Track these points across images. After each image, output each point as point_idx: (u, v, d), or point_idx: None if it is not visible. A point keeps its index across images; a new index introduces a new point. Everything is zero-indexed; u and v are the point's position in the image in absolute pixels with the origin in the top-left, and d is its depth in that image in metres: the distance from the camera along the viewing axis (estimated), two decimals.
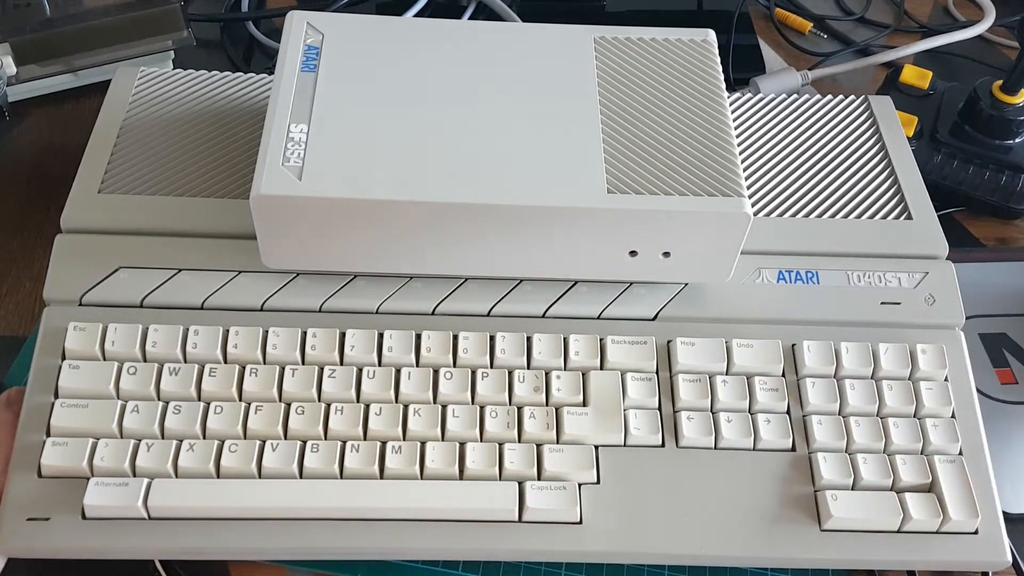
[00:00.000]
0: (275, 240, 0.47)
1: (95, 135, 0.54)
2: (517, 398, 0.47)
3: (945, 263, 0.53)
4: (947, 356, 0.50)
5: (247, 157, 0.54)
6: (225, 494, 0.44)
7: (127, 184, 0.52)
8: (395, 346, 0.48)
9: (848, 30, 0.80)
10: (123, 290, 0.49)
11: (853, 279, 0.52)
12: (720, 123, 0.48)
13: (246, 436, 0.46)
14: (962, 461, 0.47)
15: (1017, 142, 0.64)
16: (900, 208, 0.54)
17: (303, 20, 0.51)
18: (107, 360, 0.47)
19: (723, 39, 0.62)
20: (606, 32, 0.52)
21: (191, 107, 0.56)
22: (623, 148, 0.47)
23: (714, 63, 0.51)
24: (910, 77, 0.68)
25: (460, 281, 0.50)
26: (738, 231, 0.46)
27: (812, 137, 0.58)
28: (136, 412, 0.46)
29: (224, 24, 0.77)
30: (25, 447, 0.45)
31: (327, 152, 0.45)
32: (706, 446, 0.47)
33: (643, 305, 0.50)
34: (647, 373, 0.48)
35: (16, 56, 0.65)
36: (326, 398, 0.47)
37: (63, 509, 0.44)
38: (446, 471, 0.45)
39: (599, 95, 0.49)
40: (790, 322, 0.51)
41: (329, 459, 0.45)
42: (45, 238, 0.61)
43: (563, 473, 0.45)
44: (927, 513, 0.45)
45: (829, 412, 0.48)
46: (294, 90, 0.48)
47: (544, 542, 0.44)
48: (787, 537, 0.45)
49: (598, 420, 0.47)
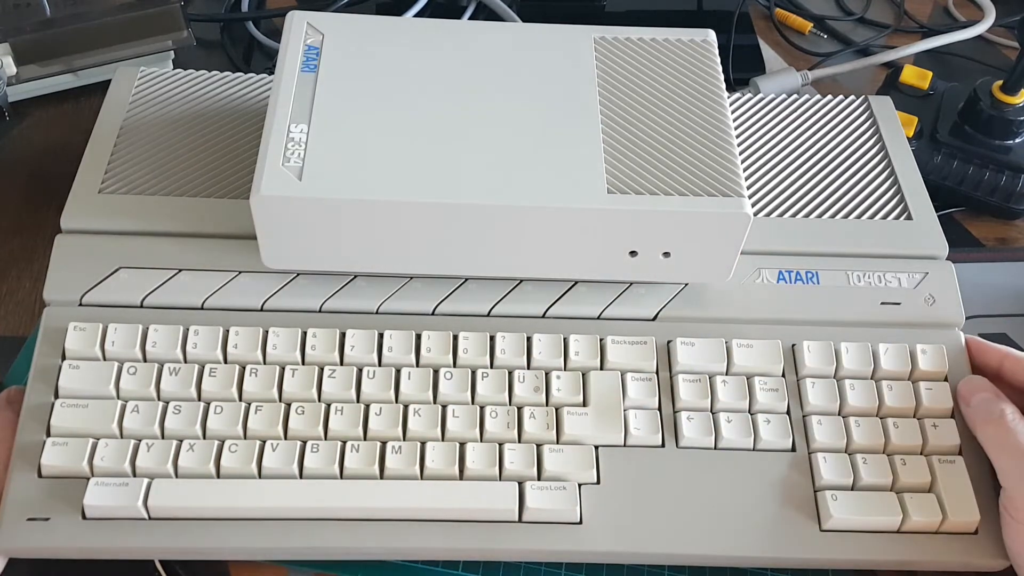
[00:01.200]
0: (275, 240, 0.47)
1: (95, 135, 0.54)
2: (517, 398, 0.47)
3: (945, 263, 0.53)
4: (947, 356, 0.50)
5: (247, 157, 0.54)
6: (225, 494, 0.44)
7: (127, 184, 0.52)
8: (395, 346, 0.48)
9: (848, 30, 0.80)
10: (123, 290, 0.49)
11: (853, 279, 0.52)
12: (720, 123, 0.48)
13: (246, 436, 0.46)
14: (962, 461, 0.47)
15: (1017, 142, 0.64)
16: (900, 208, 0.54)
17: (303, 20, 0.51)
18: (107, 360, 0.47)
19: (723, 39, 0.62)
20: (606, 32, 0.52)
21: (191, 107, 0.56)
22: (623, 148, 0.47)
23: (714, 63, 0.51)
24: (910, 77, 0.68)
25: (460, 281, 0.50)
26: (738, 231, 0.46)
27: (812, 137, 0.58)
28: (136, 412, 0.46)
29: (224, 24, 0.77)
30: (25, 447, 0.45)
31: (327, 152, 0.45)
32: (706, 446, 0.47)
33: (643, 305, 0.50)
34: (647, 373, 0.48)
35: (16, 56, 0.65)
36: (326, 398, 0.47)
37: (63, 509, 0.44)
38: (446, 471, 0.45)
39: (599, 95, 0.49)
40: (790, 322, 0.51)
41: (329, 459, 0.45)
42: (45, 238, 0.61)
43: (563, 473, 0.45)
44: (927, 513, 0.45)
45: (829, 412, 0.48)
46: (294, 90, 0.48)
47: (544, 542, 0.44)
48: (787, 537, 0.45)
49: (598, 420, 0.47)
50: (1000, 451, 0.44)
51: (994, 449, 0.45)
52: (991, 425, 0.45)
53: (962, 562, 0.45)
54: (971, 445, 0.47)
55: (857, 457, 0.47)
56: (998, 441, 0.45)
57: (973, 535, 0.45)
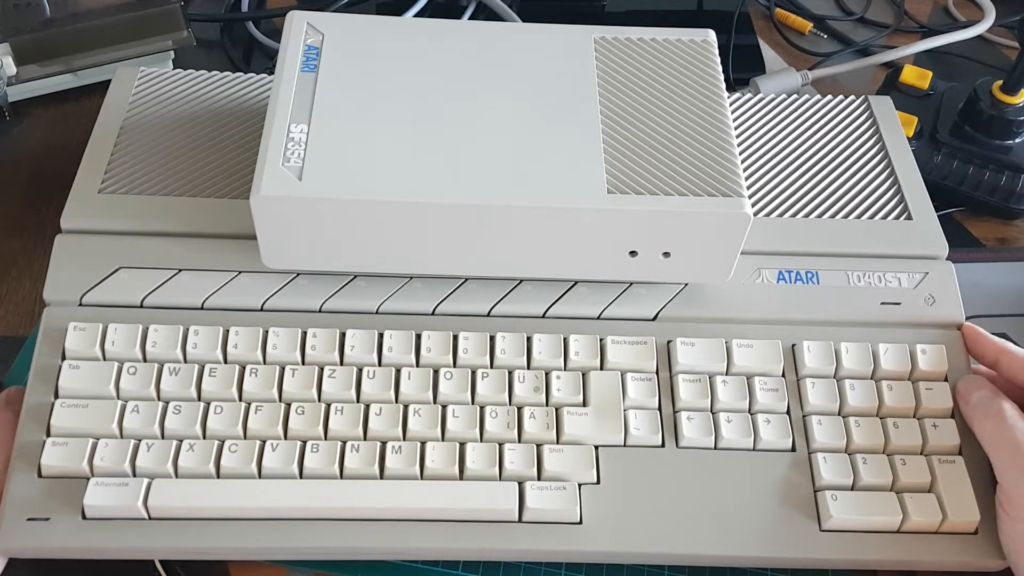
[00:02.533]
0: (275, 240, 0.47)
1: (95, 135, 0.54)
2: (517, 398, 0.47)
3: (945, 263, 0.53)
4: (947, 356, 0.50)
5: (247, 157, 0.54)
6: (225, 494, 0.44)
7: (127, 184, 0.52)
8: (395, 346, 0.48)
9: (848, 30, 0.80)
10: (123, 290, 0.49)
11: (853, 279, 0.52)
12: (720, 123, 0.48)
13: (246, 436, 0.46)
14: (962, 461, 0.47)
15: (1017, 142, 0.64)
16: (900, 208, 0.54)
17: (303, 20, 0.51)
18: (107, 360, 0.47)
19: (723, 39, 0.62)
20: (606, 32, 0.52)
21: (191, 107, 0.56)
22: (623, 148, 0.47)
23: (714, 63, 0.51)
24: (910, 77, 0.68)
25: (460, 281, 0.50)
26: (738, 231, 0.46)
27: (812, 137, 0.58)
28: (136, 412, 0.46)
29: (224, 24, 0.77)
30: (25, 447, 0.45)
31: (327, 152, 0.45)
32: (706, 446, 0.47)
33: (643, 305, 0.50)
34: (647, 373, 0.48)
35: (16, 56, 0.65)
36: (326, 398, 0.47)
37: (63, 509, 0.44)
38: (446, 471, 0.45)
39: (599, 95, 0.49)
40: (790, 322, 0.51)
41: (329, 459, 0.45)
42: (45, 238, 0.61)
43: (563, 473, 0.45)
44: (927, 513, 0.45)
45: (829, 412, 0.48)
46: (294, 90, 0.48)
47: (544, 542, 0.44)
48: (787, 537, 0.45)
49: (598, 420, 0.47)
50: (998, 447, 0.45)
51: (992, 445, 0.45)
52: (989, 421, 0.45)
53: (962, 562, 0.45)
54: (971, 445, 0.47)
55: (857, 457, 0.47)
56: (996, 437, 0.45)
57: (973, 535, 0.45)
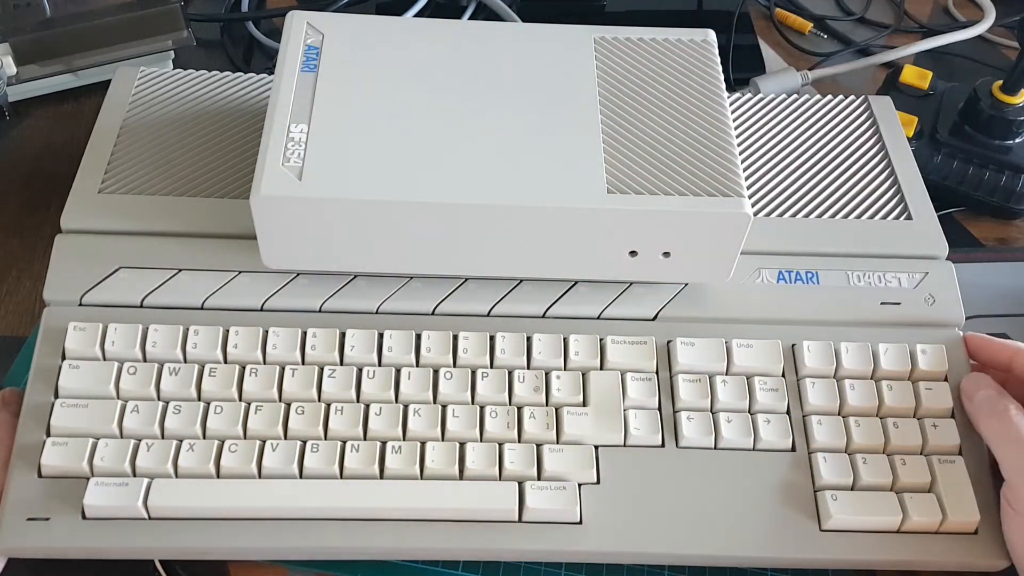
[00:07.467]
0: (275, 240, 0.47)
1: (95, 135, 0.54)
2: (517, 398, 0.47)
3: (945, 263, 0.53)
4: (947, 356, 0.50)
5: (247, 157, 0.54)
6: (225, 494, 0.44)
7: (127, 184, 0.52)
8: (395, 346, 0.48)
9: (848, 30, 0.80)
10: (123, 290, 0.49)
11: (853, 279, 0.52)
12: (720, 123, 0.48)
13: (246, 436, 0.46)
14: (962, 461, 0.47)
15: (1017, 142, 0.64)
16: (900, 208, 0.54)
17: (303, 20, 0.51)
18: (107, 360, 0.47)
19: (723, 39, 0.62)
20: (606, 32, 0.52)
21: (191, 107, 0.56)
22: (623, 148, 0.47)
23: (714, 63, 0.51)
24: (910, 77, 0.68)
25: (460, 281, 0.50)
26: (738, 231, 0.46)
27: (812, 137, 0.58)
28: (136, 412, 0.46)
29: (224, 24, 0.77)
30: (25, 447, 0.45)
31: (327, 152, 0.45)
32: (706, 446, 0.47)
33: (643, 305, 0.50)
34: (647, 373, 0.48)
35: (16, 56, 0.65)
36: (326, 398, 0.47)
37: (63, 509, 0.44)
38: (446, 471, 0.45)
39: (599, 95, 0.49)
40: (790, 322, 0.51)
41: (329, 459, 0.45)
42: (45, 238, 0.61)
43: (563, 473, 0.45)
44: (927, 513, 0.45)
45: (829, 412, 0.48)
46: (294, 90, 0.48)
47: (544, 542, 0.44)
48: (787, 537, 0.45)
49: (598, 420, 0.47)
50: (1004, 443, 0.45)
51: (997, 441, 0.45)
52: (995, 419, 0.45)
53: (962, 562, 0.45)
54: (971, 445, 0.47)
55: (857, 457, 0.47)
56: (1002, 433, 0.45)
57: (973, 535, 0.45)
